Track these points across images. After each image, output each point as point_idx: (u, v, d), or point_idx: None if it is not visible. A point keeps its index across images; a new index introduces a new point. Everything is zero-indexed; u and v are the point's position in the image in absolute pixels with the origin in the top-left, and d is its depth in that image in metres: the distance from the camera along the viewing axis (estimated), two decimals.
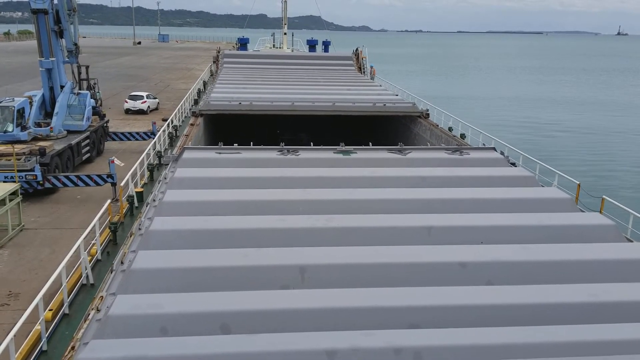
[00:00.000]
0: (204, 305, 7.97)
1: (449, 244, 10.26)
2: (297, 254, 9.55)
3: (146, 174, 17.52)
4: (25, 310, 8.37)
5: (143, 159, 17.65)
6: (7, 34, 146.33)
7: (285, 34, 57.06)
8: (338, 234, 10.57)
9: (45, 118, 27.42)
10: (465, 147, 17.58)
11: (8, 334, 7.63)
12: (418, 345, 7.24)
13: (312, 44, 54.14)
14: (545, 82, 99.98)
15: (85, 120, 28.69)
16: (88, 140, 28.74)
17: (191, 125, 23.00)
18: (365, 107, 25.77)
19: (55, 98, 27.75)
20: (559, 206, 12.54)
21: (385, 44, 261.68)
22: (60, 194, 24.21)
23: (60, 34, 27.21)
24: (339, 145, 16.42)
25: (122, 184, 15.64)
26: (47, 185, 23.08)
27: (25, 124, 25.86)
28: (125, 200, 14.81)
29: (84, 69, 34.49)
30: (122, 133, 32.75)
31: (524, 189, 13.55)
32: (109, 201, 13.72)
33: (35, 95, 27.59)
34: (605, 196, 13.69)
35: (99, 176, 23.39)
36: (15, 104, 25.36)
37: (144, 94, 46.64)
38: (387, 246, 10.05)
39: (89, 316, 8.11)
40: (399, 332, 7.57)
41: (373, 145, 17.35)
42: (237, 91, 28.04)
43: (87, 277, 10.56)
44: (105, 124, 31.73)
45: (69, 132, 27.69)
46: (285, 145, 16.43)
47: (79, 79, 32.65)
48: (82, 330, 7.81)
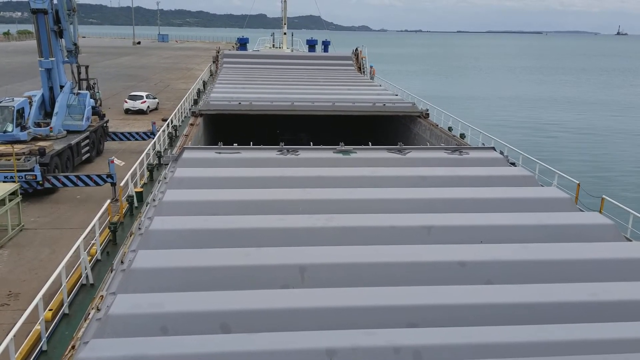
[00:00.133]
0: (204, 304, 7.99)
1: (449, 244, 10.27)
2: (297, 254, 9.57)
3: (146, 174, 17.52)
4: (25, 310, 8.38)
5: (143, 159, 17.65)
6: (7, 34, 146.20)
7: (285, 34, 57.10)
8: (338, 233, 10.59)
9: (44, 118, 27.41)
10: (465, 147, 17.58)
11: (8, 334, 7.64)
12: (418, 344, 7.25)
13: (312, 44, 54.16)
14: (545, 82, 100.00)
15: (85, 120, 28.68)
16: (88, 140, 28.73)
17: (191, 125, 23.00)
18: (365, 107, 25.76)
19: (54, 98, 27.75)
20: (559, 206, 12.56)
21: (385, 44, 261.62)
22: (60, 194, 24.21)
23: (60, 34, 27.20)
24: (338, 145, 16.42)
25: (122, 184, 15.63)
26: (47, 185, 23.06)
27: (24, 124, 25.85)
28: (125, 200, 14.81)
29: (83, 69, 34.48)
30: (122, 133, 32.73)
31: (523, 189, 13.56)
32: (108, 201, 13.74)
33: (35, 95, 27.58)
34: (605, 196, 13.70)
35: (99, 176, 23.38)
36: (15, 104, 25.35)
37: (144, 94, 46.58)
38: (387, 245, 10.06)
39: (89, 315, 8.12)
40: (398, 331, 7.59)
41: (373, 146, 17.35)
42: (237, 91, 28.02)
43: (87, 277, 10.57)
44: (105, 124, 31.72)
45: (69, 132, 27.68)
46: (285, 145, 16.44)
47: (79, 79, 32.63)
48: (83, 329, 7.82)
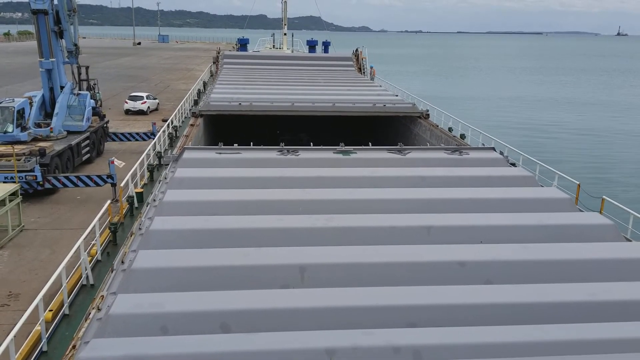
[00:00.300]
0: (204, 304, 8.00)
1: (449, 244, 10.30)
2: (297, 254, 9.59)
3: (146, 174, 17.53)
4: (26, 310, 8.37)
5: (143, 159, 17.65)
6: (7, 34, 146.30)
7: (285, 34, 57.12)
8: (338, 233, 10.61)
9: (45, 119, 27.41)
10: (465, 147, 17.59)
11: (8, 335, 7.64)
12: (417, 344, 7.26)
13: (312, 45, 54.14)
14: (546, 83, 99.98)
15: (85, 121, 28.69)
16: (88, 141, 28.74)
17: (191, 125, 23.01)
18: (365, 108, 25.76)
19: (55, 99, 27.75)
20: (558, 206, 12.57)
21: (385, 44, 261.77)
22: (60, 195, 24.22)
23: (60, 34, 27.22)
24: (338, 145, 16.44)
25: (122, 185, 15.64)
26: (47, 185, 23.07)
27: (25, 125, 25.88)
28: (125, 201, 14.82)
29: (83, 69, 34.50)
30: (122, 133, 32.73)
31: (523, 189, 13.57)
32: (108, 202, 13.74)
33: (35, 95, 27.59)
34: (605, 196, 13.71)
35: (99, 177, 23.39)
36: (15, 104, 25.37)
37: (144, 94, 46.56)
38: (387, 246, 10.08)
39: (90, 315, 8.13)
40: (398, 331, 7.60)
41: (373, 146, 17.36)
42: (237, 92, 28.03)
43: (87, 278, 10.57)
44: (105, 125, 31.73)
45: (69, 133, 27.68)
46: (285, 146, 16.45)
47: (79, 80, 32.65)
48: (83, 329, 7.83)
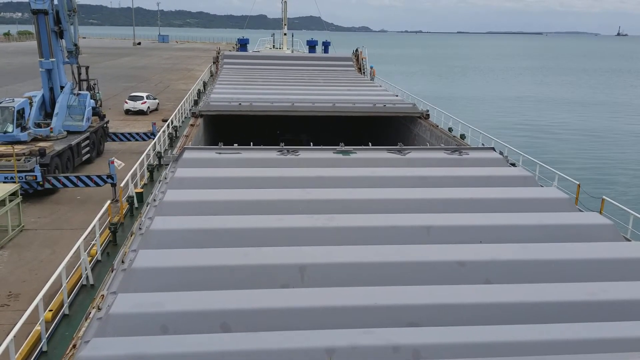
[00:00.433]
0: (204, 303, 8.02)
1: (448, 243, 10.31)
2: (297, 253, 9.60)
3: (146, 174, 17.53)
4: (26, 310, 8.37)
5: (143, 159, 17.66)
6: (7, 34, 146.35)
7: (285, 34, 57.12)
8: (338, 233, 10.62)
9: (45, 119, 27.44)
10: (465, 147, 17.60)
11: (8, 335, 7.64)
12: (417, 343, 7.28)
13: (312, 45, 54.14)
14: (546, 83, 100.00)
15: (85, 121, 28.72)
16: (88, 141, 28.77)
17: (191, 125, 23.01)
18: (365, 108, 25.75)
19: (55, 99, 27.78)
20: (558, 206, 12.58)
21: (385, 44, 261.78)
22: (60, 195, 24.24)
23: (60, 34, 27.24)
24: (338, 145, 16.45)
25: (122, 185, 15.65)
26: (47, 185, 23.09)
27: (25, 125, 25.90)
28: (125, 201, 14.83)
29: (84, 69, 34.54)
30: (122, 134, 32.76)
31: (522, 189, 13.59)
32: (108, 202, 13.74)
33: (35, 95, 27.61)
34: (605, 197, 13.72)
35: (99, 177, 23.41)
36: (15, 104, 25.39)
37: (144, 94, 46.58)
38: (387, 245, 10.10)
39: (90, 314, 8.14)
40: (398, 330, 7.62)
41: (373, 146, 17.38)
42: (237, 92, 28.01)
43: (87, 278, 10.58)
44: (105, 125, 31.76)
45: (69, 133, 27.71)
46: (285, 146, 16.46)
47: (79, 80, 32.68)
48: (84, 328, 7.85)
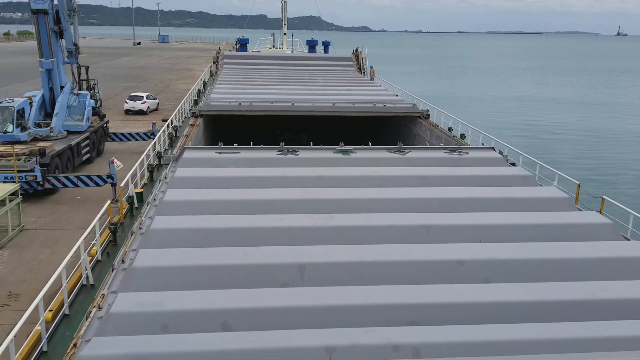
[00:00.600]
0: (204, 302, 8.03)
1: (448, 243, 10.33)
2: (297, 253, 9.62)
3: (146, 174, 17.54)
4: (26, 310, 8.38)
5: (143, 159, 17.67)
6: (7, 34, 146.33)
7: (285, 34, 57.15)
8: (337, 232, 10.64)
9: (45, 118, 27.45)
10: (465, 147, 17.62)
11: (8, 335, 7.65)
12: (417, 342, 7.30)
13: (312, 45, 54.14)
14: (546, 83, 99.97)
15: (85, 121, 28.73)
16: (88, 141, 28.78)
17: (191, 125, 23.01)
18: (365, 108, 25.75)
19: (55, 99, 27.79)
20: (557, 205, 12.60)
21: (385, 44, 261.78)
22: (60, 195, 24.25)
23: (60, 34, 27.25)
24: (338, 145, 16.47)
25: (122, 185, 15.67)
26: (47, 185, 23.10)
27: (25, 125, 25.91)
28: (125, 201, 14.84)
29: (83, 69, 34.50)
30: (122, 133, 32.78)
31: (522, 188, 13.60)
32: (108, 202, 13.75)
33: (35, 95, 27.62)
34: (605, 196, 13.74)
35: (99, 177, 23.41)
36: (15, 104, 25.40)
37: (144, 94, 46.58)
38: (387, 244, 10.11)
39: (91, 314, 8.16)
40: (398, 329, 7.63)
41: (373, 146, 17.39)
42: (237, 92, 28.01)
43: (87, 278, 10.59)
44: (105, 125, 31.77)
45: (69, 133, 27.72)
46: (285, 145, 16.47)
47: (79, 80, 32.66)
48: (84, 327, 7.86)
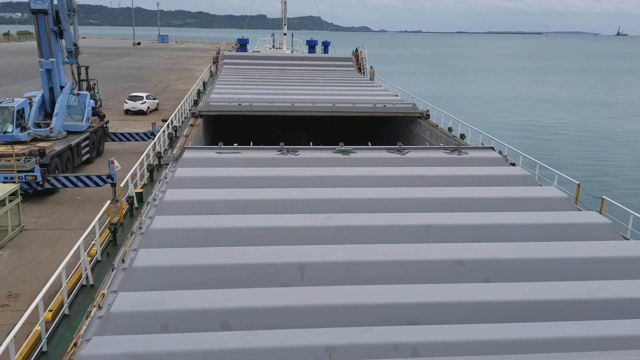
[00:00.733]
0: (204, 302, 8.05)
1: (447, 242, 10.34)
2: (297, 252, 9.63)
3: (146, 174, 17.55)
4: (25, 311, 8.38)
5: (143, 159, 17.67)
6: (7, 34, 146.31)
7: (285, 34, 57.19)
8: (337, 232, 10.66)
9: (45, 119, 27.43)
10: (464, 147, 17.64)
11: (8, 335, 7.65)
12: (416, 341, 7.31)
13: (312, 45, 54.15)
14: (546, 83, 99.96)
15: (85, 121, 28.71)
16: (88, 141, 28.77)
17: (191, 126, 23.02)
18: (365, 108, 25.76)
19: (55, 99, 27.77)
20: (557, 205, 12.62)
21: (385, 44, 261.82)
22: (60, 195, 24.24)
23: (60, 34, 27.24)
24: (338, 145, 16.48)
25: (122, 185, 15.67)
26: (47, 185, 23.09)
27: (25, 125, 25.91)
28: (125, 201, 14.85)
29: (83, 69, 34.47)
30: (122, 134, 32.76)
31: (521, 188, 13.62)
32: (108, 202, 13.76)
33: (35, 95, 27.61)
34: (605, 196, 13.74)
35: (99, 177, 23.41)
36: (15, 104, 25.39)
37: (144, 94, 46.56)
38: (386, 244, 10.13)
39: (91, 313, 8.17)
40: (397, 329, 7.65)
41: (372, 146, 17.40)
42: (237, 92, 28.03)
43: (87, 278, 10.60)
44: (105, 125, 31.77)
45: (69, 133, 27.69)
46: (285, 145, 16.49)
47: (79, 80, 32.64)
48: (84, 327, 7.87)
